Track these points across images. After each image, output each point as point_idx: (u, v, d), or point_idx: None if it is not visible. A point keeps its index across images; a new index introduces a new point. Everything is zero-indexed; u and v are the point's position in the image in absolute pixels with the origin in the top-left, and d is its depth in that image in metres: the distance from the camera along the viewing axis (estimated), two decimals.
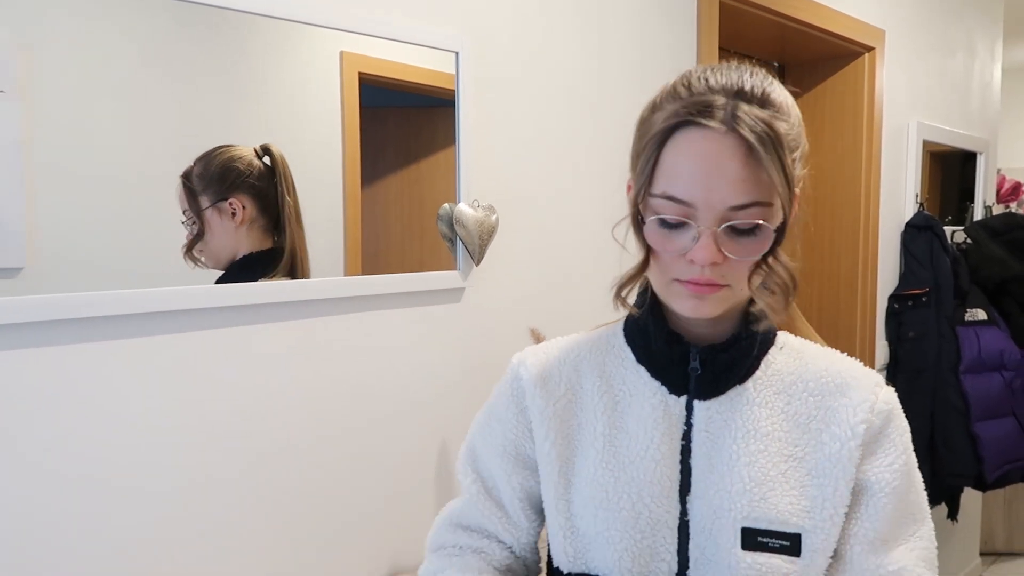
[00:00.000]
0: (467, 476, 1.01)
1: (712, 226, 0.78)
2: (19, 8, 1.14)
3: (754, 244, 0.80)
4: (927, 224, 3.14)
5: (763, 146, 0.76)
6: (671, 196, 0.80)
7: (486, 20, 1.72)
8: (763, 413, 0.88)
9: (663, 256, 0.83)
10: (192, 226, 1.31)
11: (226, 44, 1.34)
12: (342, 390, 1.52)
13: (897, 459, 0.87)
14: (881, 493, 0.86)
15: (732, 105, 0.78)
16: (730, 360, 0.88)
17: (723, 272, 0.81)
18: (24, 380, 1.15)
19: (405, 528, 1.64)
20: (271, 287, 1.40)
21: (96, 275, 1.21)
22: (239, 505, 1.38)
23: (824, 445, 0.86)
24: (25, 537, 1.16)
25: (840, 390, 0.89)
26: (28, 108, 1.15)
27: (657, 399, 0.90)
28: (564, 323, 1.85)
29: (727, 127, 0.77)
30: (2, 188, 1.12)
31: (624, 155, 0.91)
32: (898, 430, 0.89)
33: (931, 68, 3.34)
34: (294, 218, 1.41)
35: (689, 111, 0.79)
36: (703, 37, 2.24)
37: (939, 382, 3.01)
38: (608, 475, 0.89)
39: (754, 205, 0.78)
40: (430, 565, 1.00)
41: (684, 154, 0.79)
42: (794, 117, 0.83)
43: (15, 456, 1.15)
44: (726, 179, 0.77)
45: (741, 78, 0.81)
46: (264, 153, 1.37)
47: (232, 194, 1.35)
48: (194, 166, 1.30)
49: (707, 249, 0.79)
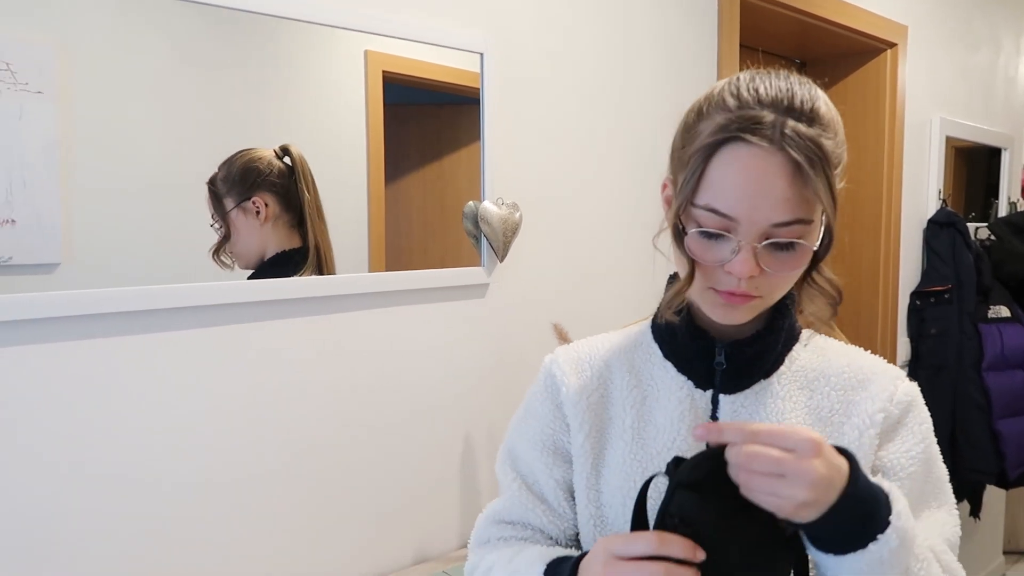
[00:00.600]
0: (507, 475, 1.02)
1: (753, 241, 0.80)
2: (57, 11, 1.17)
3: (792, 259, 0.82)
4: (950, 220, 3.13)
5: (811, 166, 0.77)
6: (714, 209, 0.80)
7: (510, 21, 1.74)
8: (787, 407, 0.90)
9: (701, 265, 0.85)
10: (219, 230, 1.34)
11: (254, 45, 1.36)
12: (368, 383, 1.55)
13: (915, 446, 0.89)
14: (896, 478, 0.87)
15: (780, 122, 0.78)
16: (754, 355, 0.90)
17: (758, 284, 0.82)
18: (60, 373, 1.19)
19: (430, 518, 1.67)
20: (299, 282, 1.43)
21: (129, 271, 1.24)
22: (268, 494, 1.42)
23: (844, 436, 0.88)
24: (56, 528, 1.20)
25: (862, 384, 0.91)
26: (65, 109, 1.18)
27: (683, 393, 0.92)
28: (587, 318, 1.88)
29: (775, 145, 0.78)
30: (40, 186, 1.16)
31: (646, 153, 0.93)
32: (917, 419, 0.91)
33: (955, 63, 3.32)
34: (316, 213, 1.44)
35: (739, 126, 0.79)
36: (724, 35, 2.24)
37: (961, 379, 3.00)
38: (635, 466, 0.91)
39: (796, 223, 0.79)
40: (475, 558, 1.02)
41: (730, 169, 0.79)
42: (839, 132, 0.84)
43: (52, 447, 1.18)
44: (771, 197, 0.78)
45: (791, 90, 0.81)
46: (284, 153, 1.40)
47: (255, 193, 1.38)
48: (218, 171, 1.34)
49: (746, 264, 0.80)
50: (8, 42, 1.13)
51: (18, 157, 1.14)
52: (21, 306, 1.14)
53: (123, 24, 1.23)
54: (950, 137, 3.25)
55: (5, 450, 1.14)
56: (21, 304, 1.14)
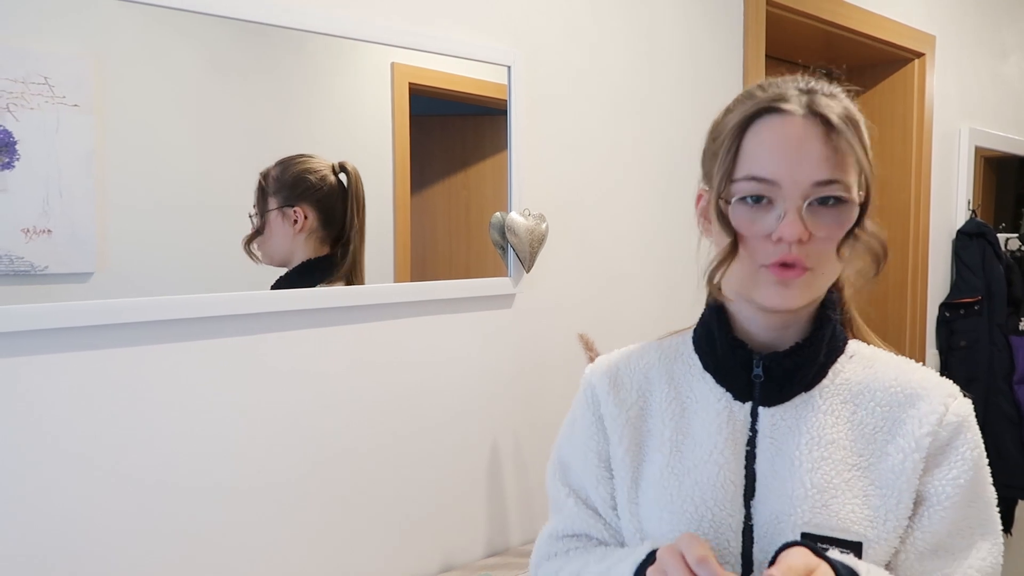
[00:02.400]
0: (560, 491, 1.02)
1: (797, 202, 0.81)
2: (92, 26, 1.20)
3: (839, 218, 0.82)
4: (979, 231, 3.09)
5: (845, 123, 0.81)
6: (755, 176, 0.82)
7: (537, 33, 1.75)
8: (828, 421, 0.88)
9: (749, 240, 0.84)
10: (255, 222, 1.37)
11: (283, 59, 1.39)
12: (395, 393, 1.56)
13: (963, 474, 0.85)
14: (939, 505, 0.85)
15: (808, 96, 0.83)
16: (793, 367, 0.88)
17: (807, 252, 0.82)
18: (94, 380, 1.21)
19: (456, 527, 1.67)
20: (327, 292, 1.45)
21: (161, 281, 1.26)
22: (295, 502, 1.43)
23: (888, 456, 0.85)
24: (92, 530, 1.22)
25: (910, 400, 0.88)
26: (100, 120, 1.21)
27: (722, 405, 0.91)
28: (613, 328, 1.88)
29: (806, 110, 0.82)
30: (76, 197, 1.18)
31: (671, 165, 0.94)
32: (968, 444, 0.87)
33: (983, 73, 3.29)
34: (358, 238, 1.47)
35: (768, 99, 0.83)
36: (750, 46, 2.24)
37: (991, 391, 2.96)
38: (673, 479, 0.90)
39: (835, 183, 0.81)
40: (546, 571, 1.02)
41: (766, 137, 0.82)
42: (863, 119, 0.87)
43: (85, 451, 1.21)
44: (809, 156, 0.81)
45: (811, 81, 0.86)
46: (341, 170, 1.42)
47: (298, 202, 1.41)
48: (273, 167, 1.36)
49: (794, 225, 0.80)
50: (46, 57, 1.16)
51: (55, 168, 1.17)
52: (56, 315, 1.16)
53: (156, 38, 1.25)
54: (979, 147, 3.22)
55: (41, 453, 1.16)
56: (56, 313, 1.16)
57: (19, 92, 1.14)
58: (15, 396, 1.14)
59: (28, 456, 1.16)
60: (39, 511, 1.17)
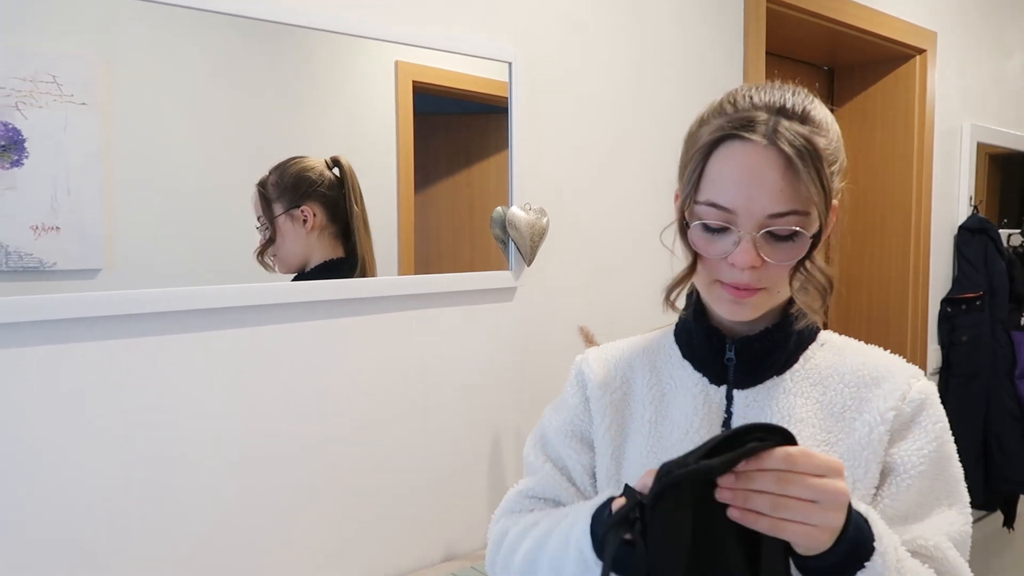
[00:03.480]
0: (538, 457, 1.07)
1: (752, 231, 0.84)
2: (100, 26, 1.22)
3: (791, 250, 0.85)
4: (981, 227, 3.10)
5: (801, 159, 0.81)
6: (714, 203, 0.85)
7: (537, 30, 1.77)
8: (798, 402, 0.92)
9: (706, 259, 0.89)
10: (265, 231, 1.38)
11: (288, 57, 1.40)
12: (398, 385, 1.58)
13: (927, 445, 0.89)
14: (906, 475, 0.88)
15: (774, 121, 0.83)
16: (763, 351, 0.93)
17: (760, 276, 0.86)
18: (101, 369, 1.23)
19: (458, 518, 1.69)
20: (333, 285, 1.47)
21: (168, 278, 1.28)
22: (302, 491, 1.45)
23: (855, 431, 0.90)
24: (104, 511, 1.24)
25: (875, 382, 0.92)
26: (107, 120, 1.23)
27: (699, 389, 0.96)
28: (611, 321, 1.90)
29: (768, 140, 0.83)
30: (83, 195, 1.20)
31: (670, 160, 0.96)
32: (931, 419, 0.91)
33: (986, 69, 3.29)
34: (362, 225, 1.49)
35: (733, 125, 0.84)
36: (750, 43, 2.25)
37: (993, 387, 2.97)
38: (652, 457, 0.96)
39: (792, 214, 0.83)
40: (506, 523, 1.06)
41: (727, 165, 0.85)
42: (833, 133, 0.88)
43: (93, 436, 1.23)
44: (766, 188, 0.82)
45: (784, 96, 0.86)
46: (334, 164, 1.44)
47: (304, 202, 1.42)
48: (269, 175, 1.38)
49: (747, 253, 0.84)
50: (54, 56, 1.18)
51: (63, 166, 1.19)
52: (67, 305, 1.18)
53: (162, 38, 1.27)
54: (982, 143, 3.22)
55: (53, 440, 1.19)
56: (67, 303, 1.18)
57: (28, 91, 1.16)
58: (28, 384, 1.17)
59: (38, 442, 1.18)
60: (46, 495, 1.19)
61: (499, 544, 1.03)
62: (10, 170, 1.15)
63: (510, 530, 1.03)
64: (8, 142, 1.14)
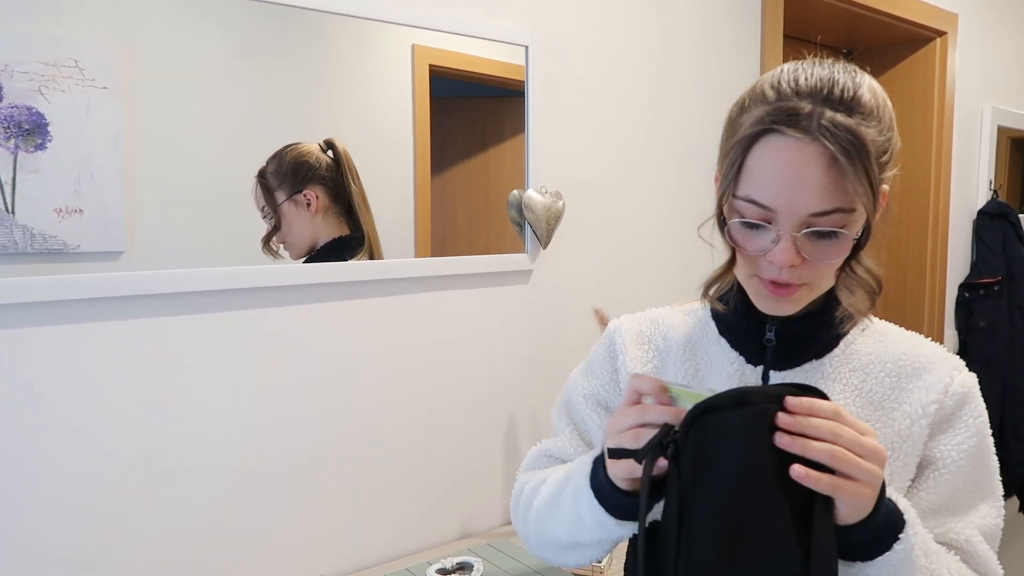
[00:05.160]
0: (561, 420, 1.07)
1: (792, 231, 0.80)
2: (121, 11, 1.23)
3: (833, 248, 0.82)
4: (1001, 211, 3.08)
5: (846, 156, 0.77)
6: (754, 200, 0.82)
7: (554, 14, 1.77)
8: (836, 388, 0.90)
9: (746, 255, 0.86)
10: (269, 220, 1.40)
11: (306, 41, 1.41)
12: (416, 366, 1.60)
13: (967, 440, 0.88)
14: (945, 469, 0.87)
15: (818, 112, 0.78)
16: (803, 333, 0.91)
17: (800, 273, 0.83)
18: (124, 347, 1.26)
19: (474, 497, 1.72)
20: (348, 266, 1.49)
21: (189, 260, 1.30)
22: (321, 471, 1.48)
23: (894, 422, 0.88)
24: (122, 484, 1.27)
25: (917, 372, 0.90)
26: (128, 103, 1.24)
27: (735, 368, 0.94)
28: (627, 303, 1.90)
29: (811, 136, 0.78)
30: (105, 178, 1.22)
31: (686, 142, 0.96)
32: (972, 413, 0.89)
33: (1007, 52, 3.26)
34: (362, 203, 1.50)
35: (775, 118, 0.80)
36: (767, 25, 2.24)
37: (1011, 372, 2.96)
38: None
39: (835, 212, 0.80)
40: (518, 482, 1.07)
41: (768, 161, 0.80)
42: (885, 118, 0.83)
43: (115, 413, 1.25)
44: (808, 187, 0.78)
45: (832, 79, 0.81)
46: (328, 147, 1.46)
47: (306, 186, 1.44)
48: (267, 165, 1.39)
49: (786, 252, 0.81)
50: (76, 41, 1.19)
51: (86, 150, 1.20)
52: (90, 285, 1.21)
53: (181, 22, 1.29)
54: (1003, 127, 3.19)
55: (68, 421, 1.21)
56: (91, 283, 1.21)
57: (51, 75, 1.17)
58: (53, 363, 1.19)
59: (62, 420, 1.21)
60: (69, 469, 1.21)
61: (518, 499, 1.04)
62: (34, 154, 1.16)
63: (526, 485, 1.03)
64: (32, 126, 1.16)
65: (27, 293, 1.15)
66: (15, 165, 1.15)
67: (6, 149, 1.14)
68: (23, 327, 1.17)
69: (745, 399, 0.71)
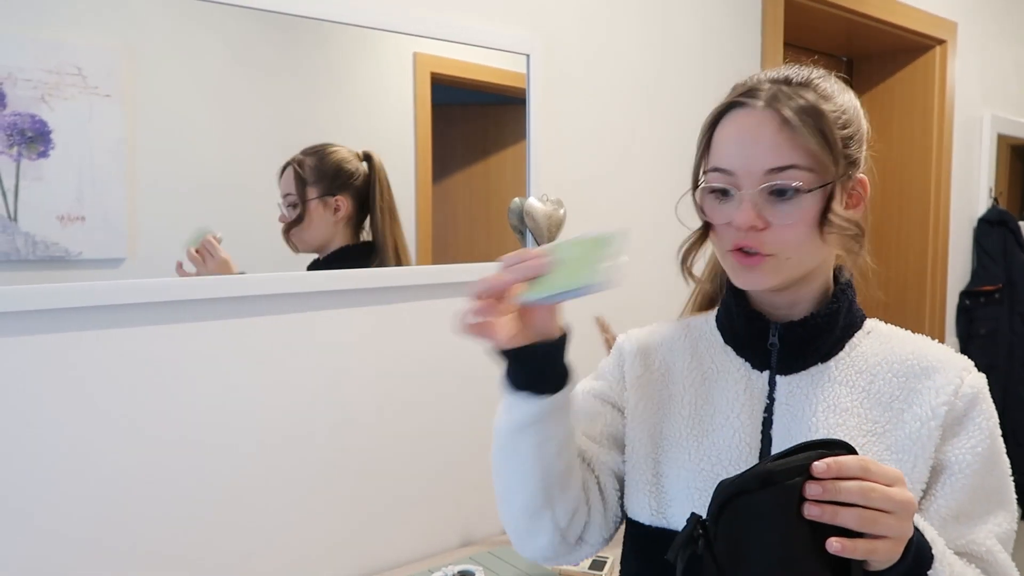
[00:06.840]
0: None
1: (752, 191, 0.85)
2: (124, 18, 1.24)
3: (795, 211, 0.85)
4: (1001, 219, 3.08)
5: (798, 117, 0.84)
6: (718, 167, 0.88)
7: (554, 23, 1.77)
8: (843, 391, 0.90)
9: (716, 227, 0.91)
10: (293, 210, 1.41)
11: (307, 49, 1.42)
12: (418, 373, 1.60)
13: (980, 443, 0.87)
14: (960, 473, 0.87)
15: (774, 89, 0.87)
16: (807, 336, 0.92)
17: (764, 240, 0.86)
18: (125, 355, 1.26)
19: (476, 503, 1.71)
20: (351, 274, 1.49)
21: (190, 267, 1.30)
22: (323, 478, 1.47)
23: (904, 424, 0.88)
24: (125, 496, 1.26)
25: (925, 373, 0.90)
26: (130, 111, 1.25)
27: (741, 374, 0.95)
28: (628, 312, 1.89)
29: (764, 103, 0.86)
30: (107, 185, 1.22)
31: (687, 152, 0.96)
32: (983, 414, 0.89)
33: (1007, 60, 3.26)
34: (388, 215, 1.53)
35: (737, 94, 0.89)
36: (768, 33, 2.25)
37: (1011, 379, 2.96)
38: (692, 439, 0.94)
39: (791, 168, 0.84)
40: None
41: (728, 130, 0.89)
42: (844, 103, 0.90)
43: (116, 420, 1.25)
44: (762, 145, 0.85)
45: (793, 71, 0.91)
46: (365, 158, 1.48)
47: (339, 192, 1.47)
48: (306, 157, 1.41)
49: (746, 212, 0.85)
50: (80, 48, 1.20)
51: (88, 157, 1.21)
52: (93, 293, 1.21)
53: (184, 30, 1.29)
54: (1003, 135, 3.20)
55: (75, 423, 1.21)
56: (93, 291, 1.21)
57: (54, 83, 1.18)
58: (54, 371, 1.19)
59: (63, 428, 1.20)
60: (68, 482, 1.21)
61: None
62: (37, 161, 1.17)
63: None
64: (35, 133, 1.16)
65: (29, 301, 1.15)
66: (18, 172, 1.15)
67: (9, 157, 1.14)
68: (25, 335, 1.17)
69: (770, 478, 0.70)
